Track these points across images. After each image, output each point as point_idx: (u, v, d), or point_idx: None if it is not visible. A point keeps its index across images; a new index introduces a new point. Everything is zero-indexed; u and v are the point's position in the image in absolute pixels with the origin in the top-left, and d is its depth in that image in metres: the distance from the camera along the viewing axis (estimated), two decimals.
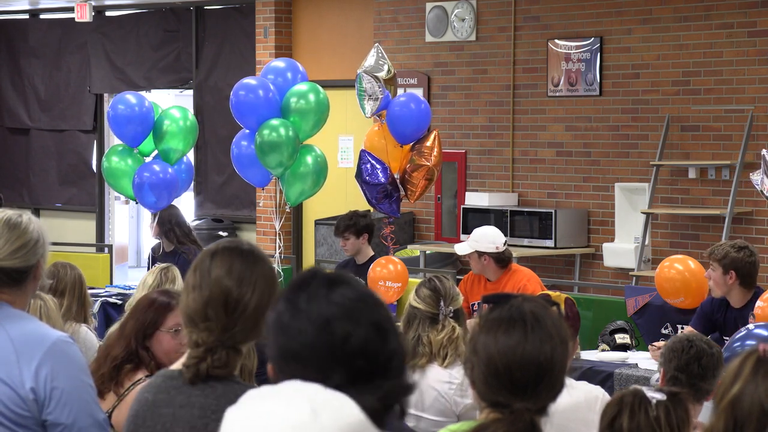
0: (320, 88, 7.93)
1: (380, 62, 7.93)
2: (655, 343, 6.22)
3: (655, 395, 2.94)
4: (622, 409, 2.87)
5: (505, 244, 7.08)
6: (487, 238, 7.06)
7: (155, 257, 8.44)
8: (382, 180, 7.81)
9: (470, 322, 4.92)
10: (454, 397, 4.40)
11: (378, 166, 7.84)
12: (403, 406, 2.05)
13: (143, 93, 11.44)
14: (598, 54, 9.85)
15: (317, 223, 11.16)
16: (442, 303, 4.44)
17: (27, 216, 3.17)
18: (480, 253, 7.01)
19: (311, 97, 7.84)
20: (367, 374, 2.02)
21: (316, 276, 2.12)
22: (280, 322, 2.09)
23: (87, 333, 5.40)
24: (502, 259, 7.03)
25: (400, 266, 7.79)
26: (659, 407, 2.87)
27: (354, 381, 2.03)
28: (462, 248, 7.21)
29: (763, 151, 5.34)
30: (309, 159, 7.97)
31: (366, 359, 2.03)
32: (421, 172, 7.77)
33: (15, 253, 3.10)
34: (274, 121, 7.92)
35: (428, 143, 7.84)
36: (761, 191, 5.27)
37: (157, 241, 8.69)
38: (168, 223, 8.55)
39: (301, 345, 2.05)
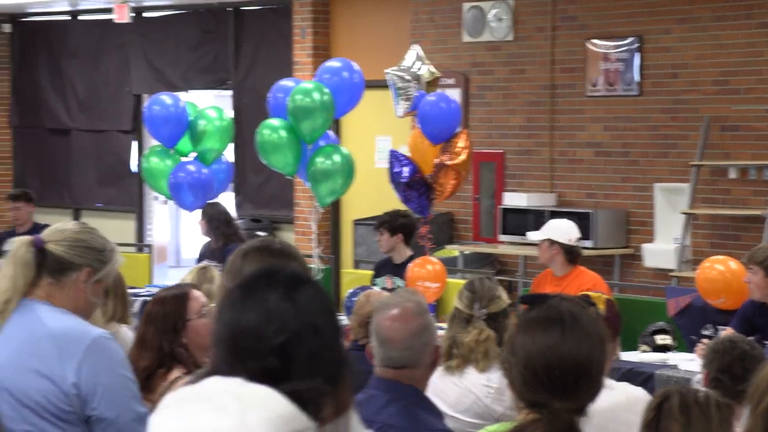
0: (325, 87, 7.90)
1: (419, 64, 7.92)
2: (704, 340, 6.19)
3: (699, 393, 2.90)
4: (663, 411, 2.83)
5: (578, 240, 7.23)
6: (562, 228, 7.30)
7: (204, 255, 8.54)
8: (404, 179, 7.82)
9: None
10: (491, 403, 4.38)
11: (403, 166, 7.85)
12: (311, 410, 2.00)
13: (182, 93, 11.49)
14: (637, 54, 9.79)
15: (355, 223, 11.17)
16: (476, 304, 4.43)
17: (103, 236, 3.27)
18: (551, 242, 7.17)
19: (316, 95, 7.82)
20: (278, 373, 2.00)
21: (282, 272, 2.11)
22: (227, 304, 2.08)
23: (127, 333, 5.42)
24: (570, 253, 7.18)
25: (438, 266, 7.79)
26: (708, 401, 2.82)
27: (262, 378, 1.99)
28: (535, 235, 7.43)
29: None
30: (336, 158, 7.96)
31: (282, 359, 2.00)
32: (447, 171, 7.77)
33: (65, 242, 3.17)
34: (274, 121, 7.92)
35: (457, 143, 7.84)
36: None
37: (208, 239, 8.81)
38: (215, 221, 8.67)
39: (233, 332, 2.04)
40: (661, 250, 9.52)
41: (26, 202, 9.73)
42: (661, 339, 6.58)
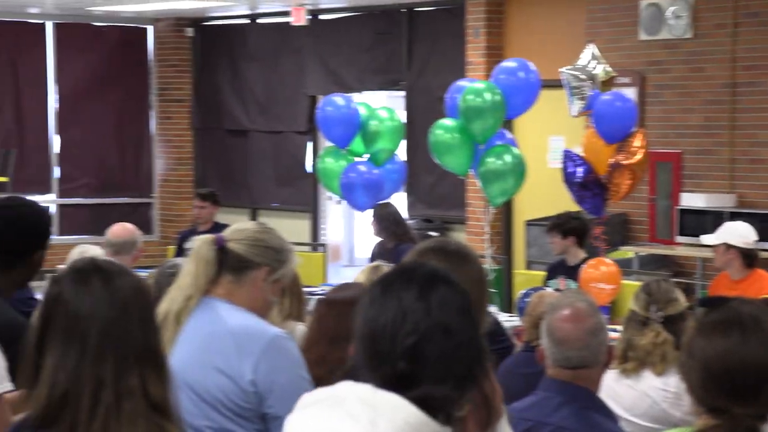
0: (496, 87, 7.86)
1: (594, 62, 7.83)
2: None
3: None
4: None
5: (756, 243, 7.09)
6: (738, 231, 7.15)
7: (376, 254, 8.64)
8: (579, 179, 7.74)
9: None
10: (668, 408, 4.30)
11: (577, 166, 7.77)
12: (441, 416, 1.97)
13: (356, 94, 11.64)
14: None
15: (528, 223, 11.11)
16: (653, 307, 4.36)
17: (281, 236, 3.36)
18: (728, 246, 7.03)
19: (487, 95, 7.79)
20: (409, 378, 1.97)
21: (419, 269, 2.08)
22: (367, 301, 2.06)
23: (303, 331, 5.51)
24: (748, 256, 7.05)
25: (612, 268, 7.69)
26: None
27: (393, 382, 1.98)
28: (710, 239, 7.28)
29: None
30: (507, 158, 7.94)
31: (413, 362, 1.97)
32: (623, 171, 7.66)
33: (245, 241, 3.25)
34: (447, 121, 7.94)
35: (633, 142, 7.72)
36: None
37: (379, 239, 8.90)
38: (386, 221, 8.75)
39: (372, 330, 2.02)
40: None
41: (212, 203, 9.97)
42: None
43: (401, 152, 10.36)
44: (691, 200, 10.00)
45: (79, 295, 2.25)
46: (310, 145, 13.70)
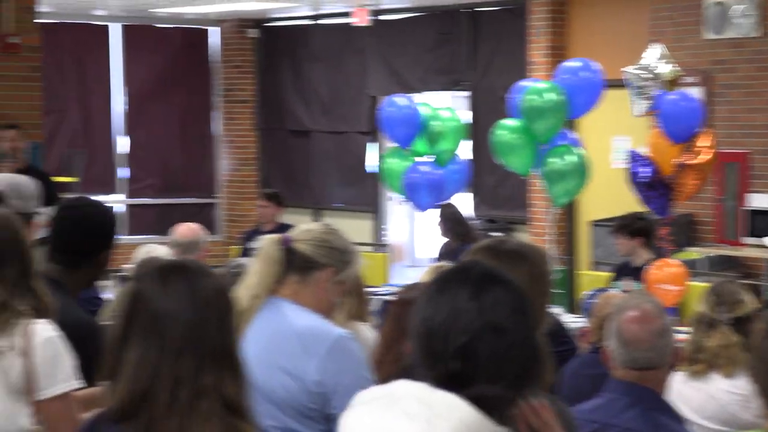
0: (559, 87, 7.82)
1: (659, 62, 7.76)
2: None
3: None
4: None
5: None
6: None
7: (443, 254, 8.65)
8: (645, 179, 7.67)
9: None
10: (737, 411, 4.25)
11: (642, 166, 7.70)
12: (495, 416, 1.96)
13: (419, 95, 11.63)
14: None
15: (592, 224, 11.03)
16: (721, 308, 4.32)
17: (346, 238, 3.37)
18: None
19: (549, 95, 7.75)
20: (462, 377, 1.97)
21: (474, 269, 2.07)
22: (424, 301, 2.06)
23: (365, 331, 5.51)
24: None
25: (678, 269, 7.62)
26: None
27: (447, 381, 1.97)
28: None
29: None
30: (570, 158, 7.89)
31: (465, 361, 1.97)
32: (689, 171, 7.57)
33: (311, 242, 3.26)
34: (509, 122, 7.91)
35: (700, 142, 7.63)
36: None
37: (446, 239, 8.92)
38: (449, 221, 8.78)
39: (427, 329, 2.02)
40: None
41: (276, 204, 10.02)
42: None
43: (465, 152, 10.34)
44: (759, 201, 9.87)
45: (160, 294, 2.26)
46: (372, 146, 13.71)
